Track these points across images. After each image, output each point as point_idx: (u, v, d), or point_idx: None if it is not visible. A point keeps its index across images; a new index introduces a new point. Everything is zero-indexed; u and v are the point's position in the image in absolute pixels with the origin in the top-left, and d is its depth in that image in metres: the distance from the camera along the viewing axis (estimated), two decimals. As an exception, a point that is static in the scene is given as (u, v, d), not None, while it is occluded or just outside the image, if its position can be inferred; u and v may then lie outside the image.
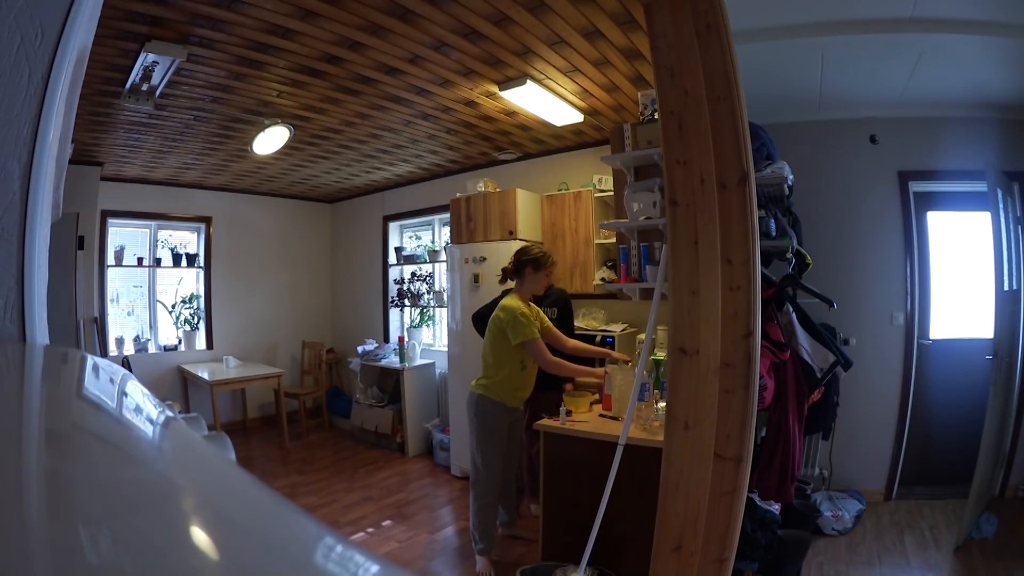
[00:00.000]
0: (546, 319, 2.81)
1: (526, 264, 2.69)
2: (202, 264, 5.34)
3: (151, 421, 0.54)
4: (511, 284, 2.80)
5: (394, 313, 5.59)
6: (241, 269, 5.53)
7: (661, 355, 2.45)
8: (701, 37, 1.68)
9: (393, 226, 5.67)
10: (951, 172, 3.26)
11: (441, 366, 4.77)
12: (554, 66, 2.66)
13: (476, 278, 3.93)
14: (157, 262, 5.13)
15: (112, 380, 0.71)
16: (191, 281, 5.34)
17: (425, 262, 5.25)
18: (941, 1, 2.24)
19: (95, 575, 0.20)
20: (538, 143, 4.05)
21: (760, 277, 1.66)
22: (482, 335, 2.84)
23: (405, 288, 5.21)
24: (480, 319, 3.06)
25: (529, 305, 2.71)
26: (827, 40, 2.55)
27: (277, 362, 5.62)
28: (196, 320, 5.27)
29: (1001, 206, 2.91)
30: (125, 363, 4.52)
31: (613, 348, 3.46)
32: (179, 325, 5.20)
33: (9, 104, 0.78)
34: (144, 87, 2.63)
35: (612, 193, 3.23)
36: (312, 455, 4.66)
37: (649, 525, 1.77)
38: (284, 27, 2.22)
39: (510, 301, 2.67)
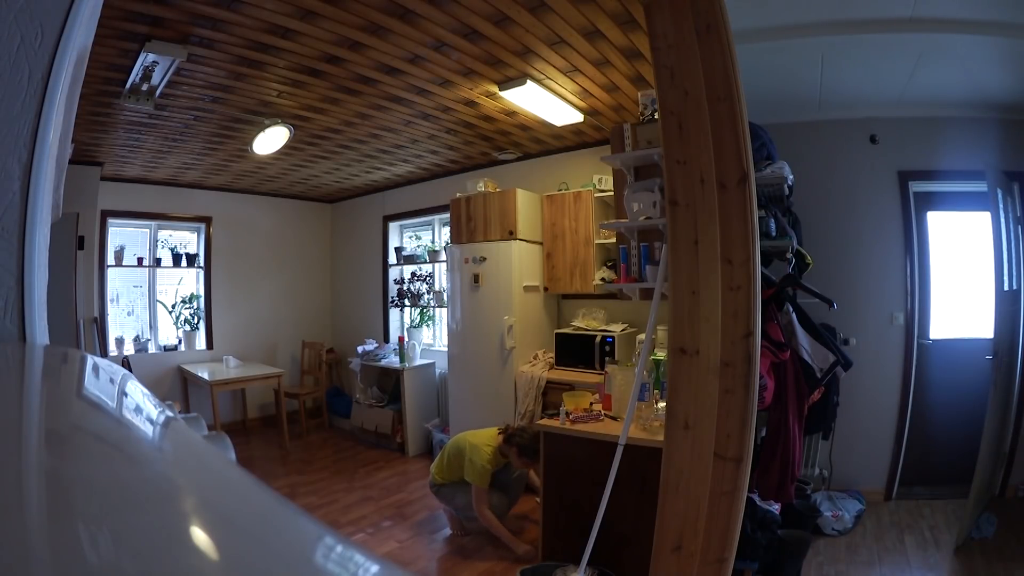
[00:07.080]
0: (515, 469, 3.05)
1: (514, 446, 2.86)
2: (202, 264, 5.34)
3: (151, 421, 0.54)
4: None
5: (394, 313, 5.59)
6: (241, 269, 5.53)
7: (661, 355, 2.45)
8: (701, 37, 1.68)
9: (393, 226, 5.67)
10: (951, 172, 3.26)
11: (441, 366, 4.77)
12: (554, 66, 2.66)
13: (476, 278, 3.93)
14: (157, 262, 5.13)
15: (112, 380, 0.71)
16: (191, 281, 5.34)
17: (425, 262, 5.25)
18: (941, 1, 2.24)
19: (95, 575, 0.20)
20: (538, 143, 4.05)
21: (760, 277, 1.66)
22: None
23: (405, 288, 5.21)
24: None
25: (500, 458, 2.93)
26: (827, 40, 2.55)
27: (277, 362, 5.62)
28: (196, 320, 5.26)
29: (1001, 206, 2.91)
30: (125, 363, 4.52)
31: (613, 347, 3.46)
32: (179, 325, 5.20)
33: (9, 104, 0.78)
34: (144, 87, 2.63)
35: (612, 193, 3.23)
36: (312, 455, 4.66)
37: (649, 525, 1.77)
38: (284, 27, 2.22)
39: (488, 450, 2.90)
